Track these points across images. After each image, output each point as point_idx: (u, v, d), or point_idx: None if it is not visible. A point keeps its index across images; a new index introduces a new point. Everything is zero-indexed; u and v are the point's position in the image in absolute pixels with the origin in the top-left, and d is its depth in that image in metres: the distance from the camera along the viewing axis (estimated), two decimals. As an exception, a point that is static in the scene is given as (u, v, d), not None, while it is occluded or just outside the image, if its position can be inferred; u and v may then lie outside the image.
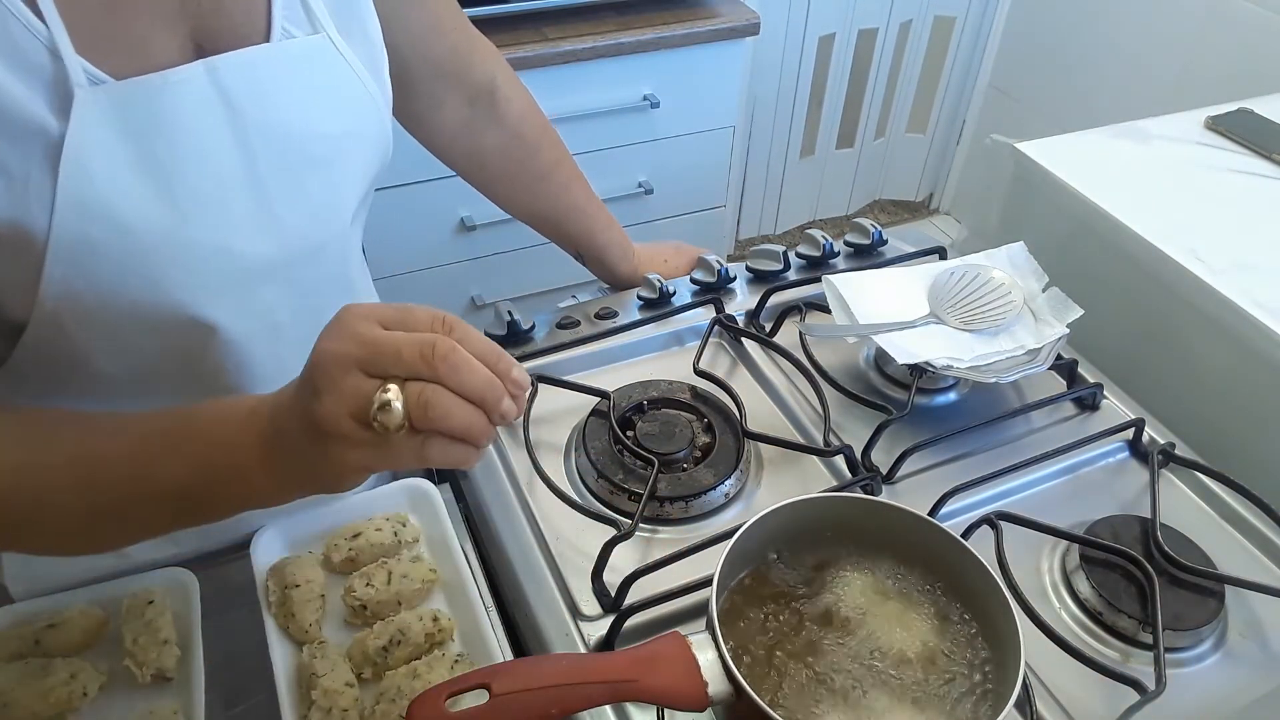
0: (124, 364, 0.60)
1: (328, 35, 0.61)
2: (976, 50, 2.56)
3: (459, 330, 0.47)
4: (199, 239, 0.56)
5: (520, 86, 0.90)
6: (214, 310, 0.59)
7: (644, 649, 0.52)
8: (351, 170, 0.66)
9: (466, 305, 1.87)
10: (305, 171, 0.61)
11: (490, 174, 0.91)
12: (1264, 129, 1.10)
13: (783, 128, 2.47)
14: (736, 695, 0.50)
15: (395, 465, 0.47)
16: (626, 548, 0.69)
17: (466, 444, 0.47)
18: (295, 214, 0.61)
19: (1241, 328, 0.84)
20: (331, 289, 0.67)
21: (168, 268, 0.56)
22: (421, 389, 0.45)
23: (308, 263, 0.64)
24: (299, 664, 0.62)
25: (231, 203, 0.58)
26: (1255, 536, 0.75)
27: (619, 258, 0.98)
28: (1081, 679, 0.63)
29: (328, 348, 0.46)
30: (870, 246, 1.01)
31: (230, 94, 0.56)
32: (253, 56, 0.57)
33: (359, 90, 0.64)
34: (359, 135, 0.66)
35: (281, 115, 0.59)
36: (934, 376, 0.83)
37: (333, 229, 0.65)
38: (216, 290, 0.59)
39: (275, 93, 0.58)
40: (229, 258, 0.58)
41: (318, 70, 0.61)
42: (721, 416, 0.79)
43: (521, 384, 0.49)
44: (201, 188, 0.56)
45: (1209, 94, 1.22)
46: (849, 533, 0.61)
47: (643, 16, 1.69)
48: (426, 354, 0.45)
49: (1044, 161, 1.03)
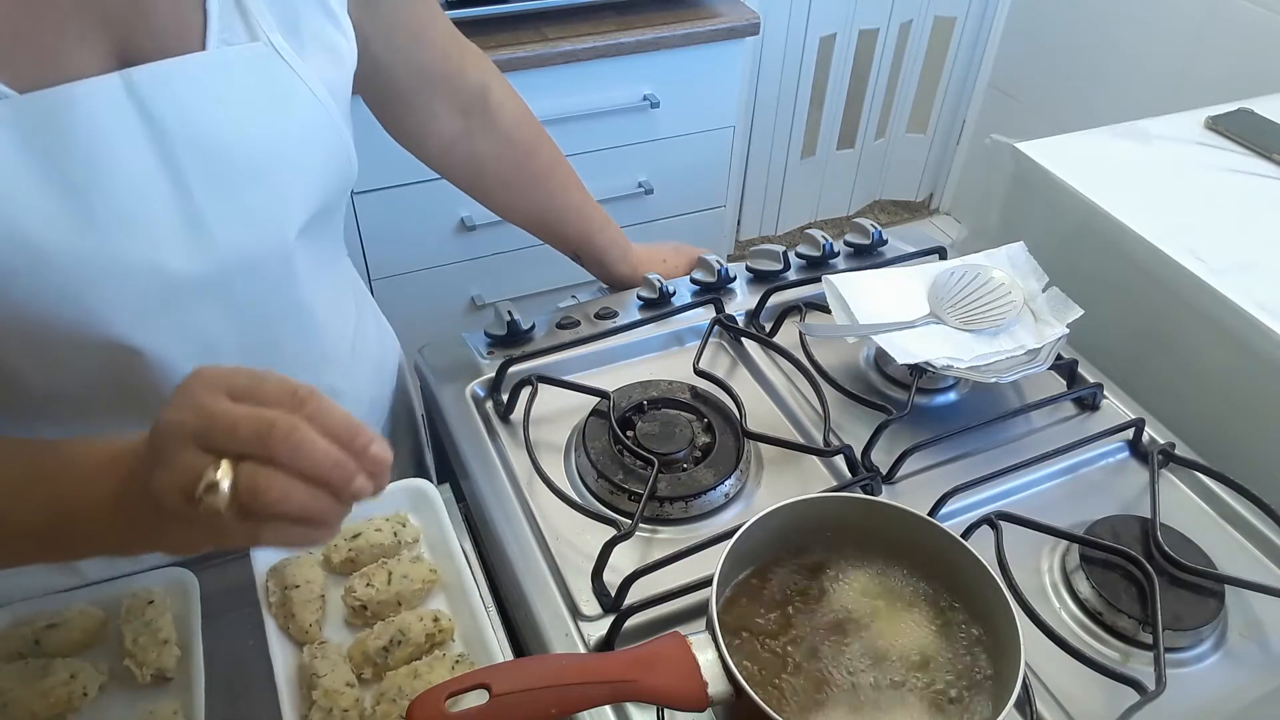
0: (56, 382, 0.59)
1: (269, 42, 0.58)
2: (976, 50, 2.56)
3: (311, 404, 0.44)
4: (121, 257, 0.54)
5: (511, 91, 0.89)
6: (141, 330, 0.57)
7: (644, 649, 0.52)
8: (297, 180, 0.62)
9: (466, 305, 1.87)
10: (239, 183, 0.59)
11: (486, 181, 0.91)
12: (1264, 129, 1.10)
13: (784, 128, 2.47)
14: (736, 695, 0.50)
15: (230, 544, 0.46)
16: (626, 548, 0.69)
17: (309, 526, 0.45)
18: (228, 227, 0.59)
19: (1241, 328, 0.84)
20: (273, 306, 0.65)
21: (86, 287, 0.54)
22: (254, 471, 0.42)
23: (245, 278, 0.61)
24: (299, 664, 0.62)
25: (156, 218, 0.55)
26: (1255, 536, 0.75)
27: (617, 258, 0.98)
28: (1081, 679, 0.63)
29: (167, 417, 0.44)
30: (870, 246, 1.01)
31: (149, 105, 0.54)
32: (174, 67, 0.55)
33: (305, 98, 0.61)
34: (305, 143, 0.62)
35: (209, 126, 0.57)
36: (934, 376, 0.83)
37: (272, 242, 0.62)
38: (143, 309, 0.57)
39: (201, 102, 0.56)
40: (156, 275, 0.56)
41: (254, 78, 0.58)
42: (721, 416, 0.79)
43: (380, 460, 0.46)
44: (122, 204, 0.54)
45: (1209, 94, 1.22)
46: (849, 533, 0.61)
47: (643, 16, 1.69)
48: (263, 432, 0.42)
49: (1044, 161, 1.03)
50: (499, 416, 0.81)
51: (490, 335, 0.88)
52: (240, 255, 0.60)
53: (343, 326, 0.76)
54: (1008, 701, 0.50)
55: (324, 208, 0.66)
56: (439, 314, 1.83)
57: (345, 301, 0.78)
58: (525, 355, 0.84)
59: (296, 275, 0.66)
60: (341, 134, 0.65)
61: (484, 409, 0.82)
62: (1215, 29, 1.95)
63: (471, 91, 0.85)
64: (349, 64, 0.66)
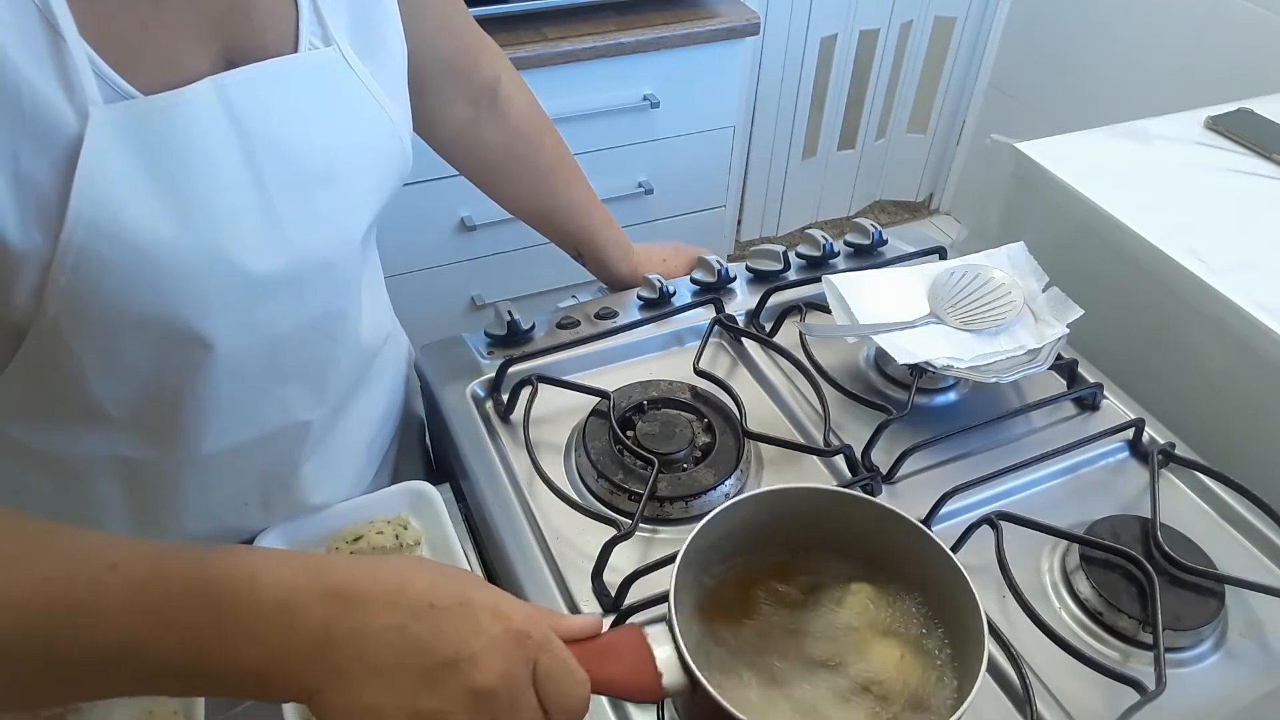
0: (114, 385, 0.59)
1: (339, 49, 0.61)
2: (976, 50, 2.56)
3: None
4: (209, 255, 0.56)
5: (523, 85, 0.90)
6: (216, 325, 0.58)
7: (599, 641, 0.52)
8: (363, 186, 0.65)
9: (466, 305, 1.87)
10: (314, 187, 0.61)
11: (491, 172, 0.92)
12: (1264, 129, 1.10)
13: (784, 129, 2.47)
14: (693, 688, 0.50)
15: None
16: (626, 548, 0.69)
17: None
18: (304, 230, 0.61)
19: (1241, 328, 0.84)
20: (335, 304, 0.67)
21: (175, 282, 0.55)
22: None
23: (316, 279, 0.63)
24: (299, 664, 0.62)
25: (241, 219, 0.57)
26: (1255, 536, 0.75)
27: (618, 257, 0.98)
28: (1081, 679, 0.63)
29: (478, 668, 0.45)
30: (870, 246, 1.01)
31: (236, 109, 0.55)
32: (258, 72, 0.57)
33: (370, 105, 0.63)
34: (370, 150, 0.65)
35: (287, 130, 0.58)
36: (934, 376, 0.83)
37: (341, 244, 0.64)
38: (222, 305, 0.58)
39: (280, 108, 0.58)
40: (238, 273, 0.58)
41: (326, 85, 0.61)
42: (721, 416, 0.79)
43: None
44: (213, 203, 0.55)
45: (1209, 94, 1.22)
46: (816, 526, 0.61)
47: (643, 16, 1.69)
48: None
49: (1044, 161, 1.03)
50: (499, 416, 0.81)
51: (490, 335, 0.88)
52: (312, 256, 0.62)
53: (382, 314, 0.78)
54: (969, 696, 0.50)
55: (383, 210, 0.69)
56: (439, 314, 1.83)
57: (383, 297, 0.80)
58: (525, 355, 0.84)
59: (359, 275, 0.69)
60: (401, 139, 0.67)
61: (484, 409, 0.82)
62: (1215, 29, 1.95)
63: (484, 82, 0.86)
64: (404, 68, 0.68)
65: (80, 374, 0.57)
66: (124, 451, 0.64)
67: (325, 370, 0.69)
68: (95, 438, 0.62)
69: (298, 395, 0.68)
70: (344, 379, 0.72)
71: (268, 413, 0.67)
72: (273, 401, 0.66)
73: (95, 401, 0.59)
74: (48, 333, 0.54)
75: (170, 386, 0.60)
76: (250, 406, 0.65)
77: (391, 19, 0.66)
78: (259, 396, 0.65)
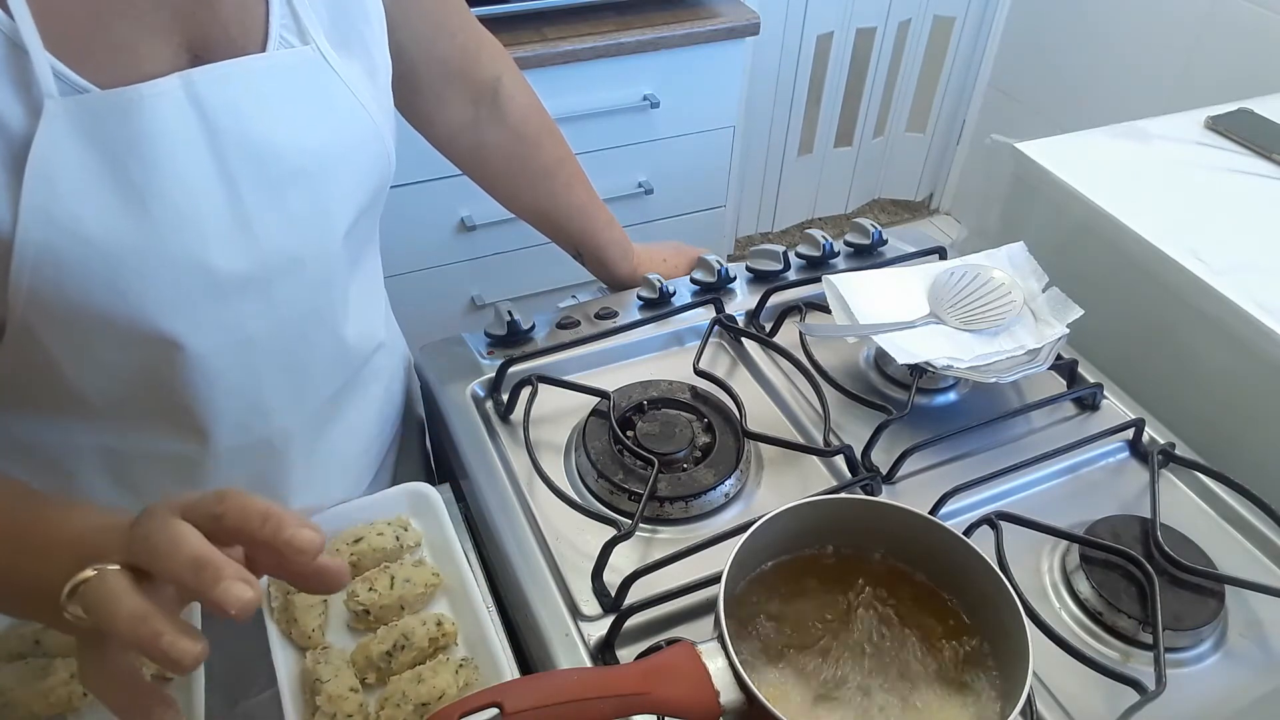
0: (93, 379, 0.59)
1: (316, 47, 0.60)
2: (976, 50, 2.56)
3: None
4: (171, 253, 0.55)
5: (524, 84, 0.90)
6: (183, 324, 0.58)
7: (654, 660, 0.51)
8: (341, 186, 0.64)
9: (466, 305, 1.87)
10: (285, 185, 0.60)
11: (492, 170, 0.91)
12: (1264, 129, 1.10)
13: (780, 125, 2.48)
14: (749, 703, 0.50)
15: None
16: (626, 548, 0.69)
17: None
18: (273, 228, 0.60)
19: (1241, 328, 0.84)
20: (310, 304, 0.66)
21: (136, 281, 0.54)
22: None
23: (286, 278, 0.62)
24: (302, 669, 0.62)
25: (206, 217, 0.56)
26: (1255, 536, 0.75)
27: (619, 257, 0.98)
28: (1081, 679, 0.63)
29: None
30: (870, 246, 1.01)
31: (205, 106, 0.55)
32: (231, 69, 0.56)
33: (349, 103, 0.63)
34: (349, 149, 0.64)
35: (260, 128, 0.58)
36: (934, 376, 0.83)
37: (315, 244, 0.63)
38: (188, 304, 0.57)
39: (253, 105, 0.57)
40: (203, 272, 0.57)
41: (303, 82, 0.60)
42: (721, 416, 0.79)
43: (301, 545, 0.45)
44: (176, 201, 0.55)
45: (1209, 94, 1.22)
46: (856, 535, 0.61)
47: (643, 16, 1.69)
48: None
49: (1044, 161, 1.03)
50: (499, 416, 0.81)
51: (490, 335, 0.88)
52: (283, 256, 0.61)
53: (374, 322, 0.77)
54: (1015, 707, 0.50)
55: (365, 210, 0.68)
56: (439, 314, 1.83)
57: (378, 300, 0.79)
58: (525, 355, 0.84)
59: (336, 275, 0.67)
60: (381, 138, 0.66)
61: (484, 409, 0.82)
62: (1215, 29, 1.95)
63: (484, 82, 0.86)
64: (387, 65, 0.67)
65: (57, 369, 0.57)
66: (109, 443, 0.63)
67: (304, 373, 0.69)
68: (79, 429, 0.62)
69: (276, 398, 0.68)
70: (326, 383, 0.72)
71: (248, 416, 0.67)
72: (252, 404, 0.66)
73: (77, 393, 0.60)
74: (22, 329, 0.54)
75: (150, 383, 0.60)
76: (229, 408, 0.65)
77: (372, 18, 0.65)
78: (236, 398, 0.65)
